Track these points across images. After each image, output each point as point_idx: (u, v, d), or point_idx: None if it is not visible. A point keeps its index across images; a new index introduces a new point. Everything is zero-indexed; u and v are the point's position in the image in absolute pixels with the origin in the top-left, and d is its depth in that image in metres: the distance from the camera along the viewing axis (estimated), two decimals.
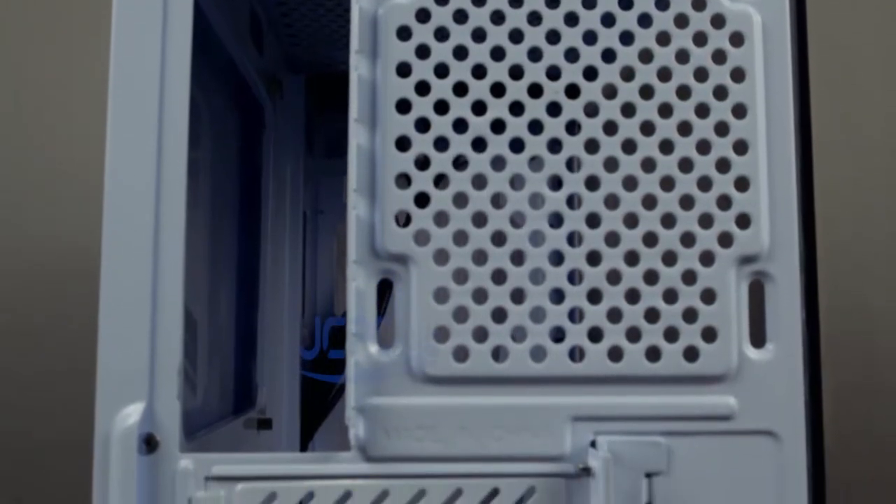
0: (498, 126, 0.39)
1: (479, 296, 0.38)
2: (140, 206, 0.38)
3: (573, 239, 0.39)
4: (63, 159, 0.77)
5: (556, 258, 0.39)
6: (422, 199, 0.39)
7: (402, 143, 0.39)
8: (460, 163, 0.39)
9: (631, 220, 0.39)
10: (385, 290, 0.39)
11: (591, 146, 0.39)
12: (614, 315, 0.39)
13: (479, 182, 0.39)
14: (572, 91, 0.39)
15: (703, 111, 0.39)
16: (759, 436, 0.39)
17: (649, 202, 0.39)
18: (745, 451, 0.38)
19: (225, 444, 0.51)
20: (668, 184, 0.39)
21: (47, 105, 0.75)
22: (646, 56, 0.39)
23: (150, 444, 0.37)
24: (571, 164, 0.39)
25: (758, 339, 0.39)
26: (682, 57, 0.39)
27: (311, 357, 0.66)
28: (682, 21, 0.40)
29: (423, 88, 0.39)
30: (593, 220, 0.39)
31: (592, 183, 0.39)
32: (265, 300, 0.62)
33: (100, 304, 0.38)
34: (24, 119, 0.77)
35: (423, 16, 0.39)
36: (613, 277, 0.39)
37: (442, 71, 0.39)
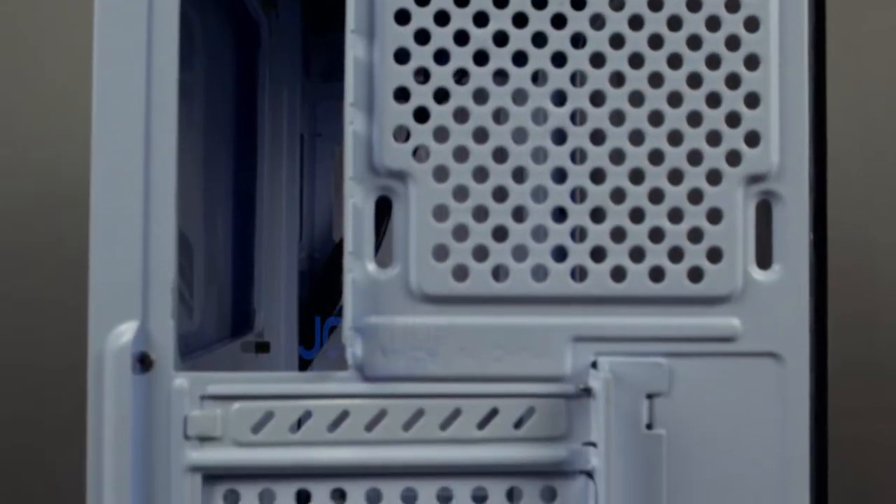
0: (500, 38, 0.37)
1: (480, 214, 0.37)
2: (130, 123, 0.37)
3: (576, 156, 0.38)
4: (50, 76, 0.75)
5: (559, 176, 0.38)
6: (421, 114, 0.37)
7: (401, 56, 0.37)
8: (461, 76, 0.38)
9: (636, 137, 0.38)
10: (384, 216, 0.38)
11: (597, 60, 0.38)
12: (618, 234, 0.38)
13: (481, 97, 0.37)
14: (577, 2, 0.38)
15: (713, 24, 0.38)
16: (762, 358, 0.38)
17: (656, 119, 0.38)
18: (748, 373, 0.38)
19: (222, 366, 0.50)
20: (675, 100, 0.38)
21: (33, 20, 0.73)
22: None
23: (144, 362, 0.37)
24: (575, 79, 0.38)
25: (764, 260, 0.39)
26: None
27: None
28: None
29: None
30: (598, 137, 0.38)
31: (597, 98, 0.38)
32: (262, 224, 0.61)
33: (90, 222, 0.37)
34: (10, 35, 0.75)
35: None
36: (617, 196, 0.38)
37: None
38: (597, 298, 0.38)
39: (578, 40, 0.38)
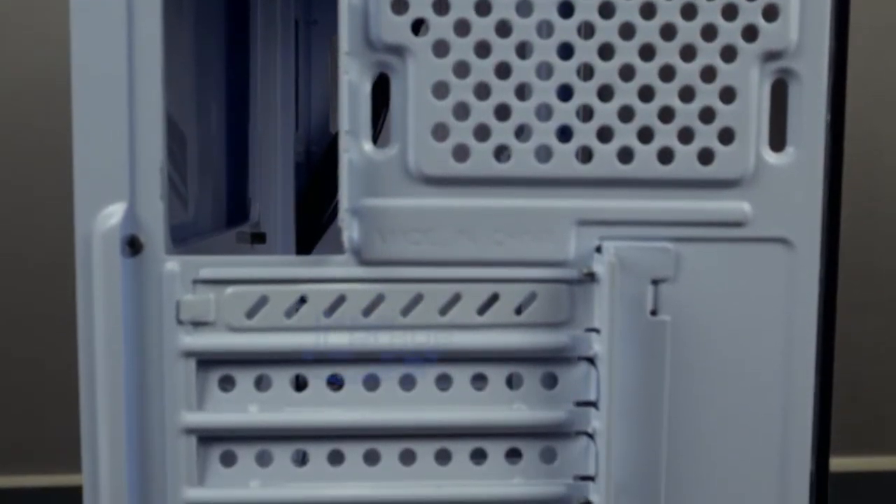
0: None
1: (482, 91, 0.36)
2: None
3: (583, 30, 0.36)
4: None
5: (565, 51, 0.36)
6: None
7: None
8: None
9: (648, 10, 0.36)
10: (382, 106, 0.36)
11: None
12: (626, 113, 0.36)
13: None
14: None
15: None
16: (771, 243, 0.37)
17: None
18: (757, 258, 0.37)
19: (216, 254, 0.49)
20: None
21: None
22: None
23: (133, 245, 0.36)
24: None
25: (777, 142, 0.37)
26: None
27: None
28: None
29: None
30: (606, 10, 0.36)
31: None
32: (256, 115, 0.59)
33: (73, 101, 0.35)
34: None
35: None
36: (626, 73, 0.36)
37: None
38: (602, 180, 0.36)
39: None
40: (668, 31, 0.36)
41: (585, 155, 0.36)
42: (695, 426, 0.37)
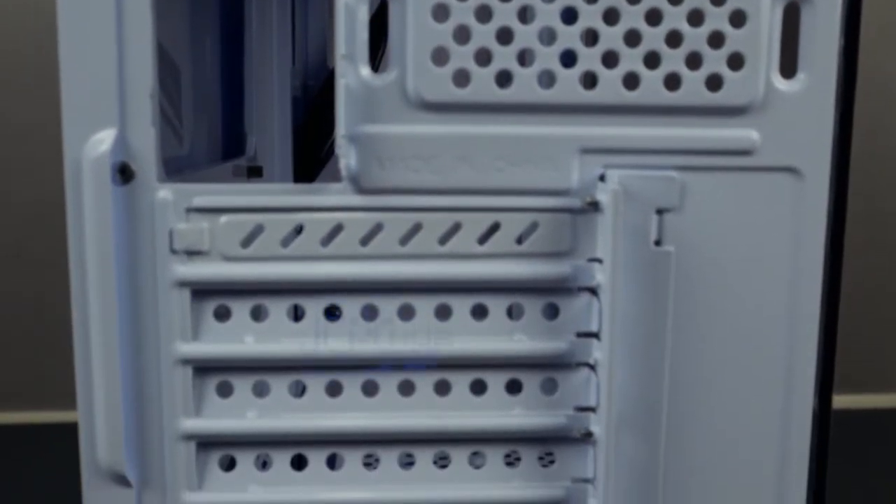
0: None
1: (483, 13, 0.34)
2: None
3: None
4: None
5: None
6: None
7: None
8: None
9: None
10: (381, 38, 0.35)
11: None
12: (632, 37, 0.35)
13: None
14: None
15: None
16: (780, 173, 0.36)
17: None
18: (764, 188, 0.36)
19: None
20: None
21: None
22: None
23: (124, 173, 0.35)
24: None
25: (788, 68, 0.36)
26: None
27: None
28: None
29: None
30: None
31: None
32: (252, 48, 0.58)
33: (58, 23, 0.34)
34: None
35: None
36: None
37: None
38: (607, 107, 0.35)
39: None
40: None
41: (590, 81, 0.35)
42: (698, 358, 0.37)
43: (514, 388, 0.37)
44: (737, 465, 0.38)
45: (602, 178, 0.35)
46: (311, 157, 0.63)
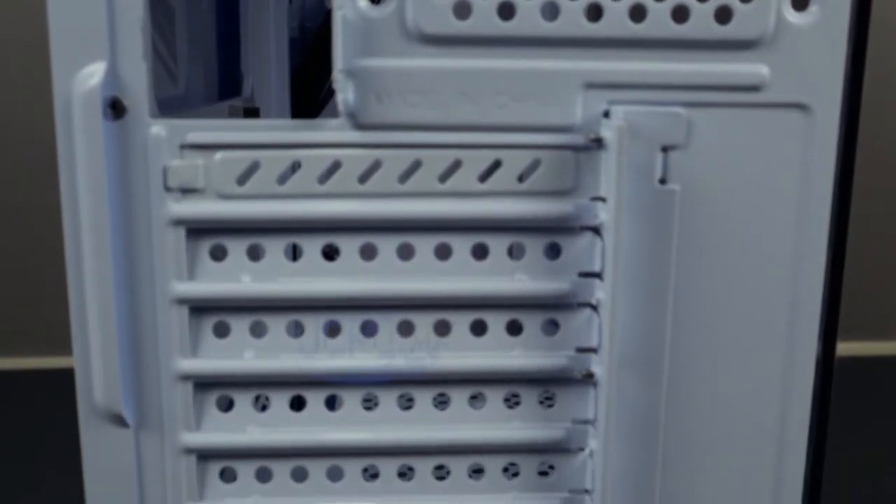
0: None
1: None
2: None
3: None
4: None
5: None
6: None
7: None
8: None
9: None
10: None
11: None
12: None
13: None
14: None
15: None
16: (789, 109, 0.35)
17: None
18: (773, 125, 0.35)
19: None
20: None
21: None
22: None
23: (116, 108, 0.34)
24: None
25: (800, 1, 0.35)
26: None
27: None
28: None
29: None
30: None
31: None
32: None
33: None
34: None
35: None
36: None
37: None
38: (612, 41, 0.34)
39: None
40: None
41: (595, 13, 0.34)
42: (701, 299, 0.36)
43: (514, 329, 0.36)
44: (738, 409, 0.37)
45: (606, 114, 0.34)
46: (309, 99, 0.62)
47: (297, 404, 0.37)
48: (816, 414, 0.39)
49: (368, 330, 0.36)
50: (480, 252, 0.36)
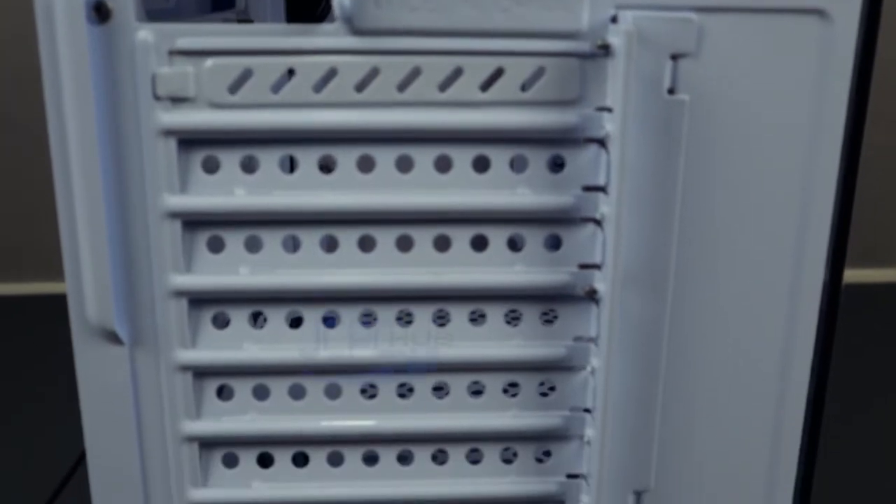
0: None
1: None
2: None
3: None
4: None
5: None
6: None
7: None
8: None
9: None
10: None
11: None
12: None
13: None
14: None
15: None
16: (806, 15, 0.33)
17: None
18: (788, 33, 0.33)
19: None
20: None
21: None
22: None
23: (100, 11, 0.32)
24: None
25: None
26: None
27: None
28: None
29: None
30: None
31: None
32: None
33: None
34: None
35: None
36: None
37: None
38: None
39: None
40: None
41: None
42: (708, 215, 0.35)
43: (515, 245, 0.35)
44: (743, 331, 0.37)
45: (614, 19, 0.33)
46: (305, 13, 0.60)
47: (295, 322, 0.36)
48: (821, 336, 0.38)
49: (366, 243, 0.35)
50: (481, 164, 0.34)
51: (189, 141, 0.34)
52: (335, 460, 0.38)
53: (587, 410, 0.37)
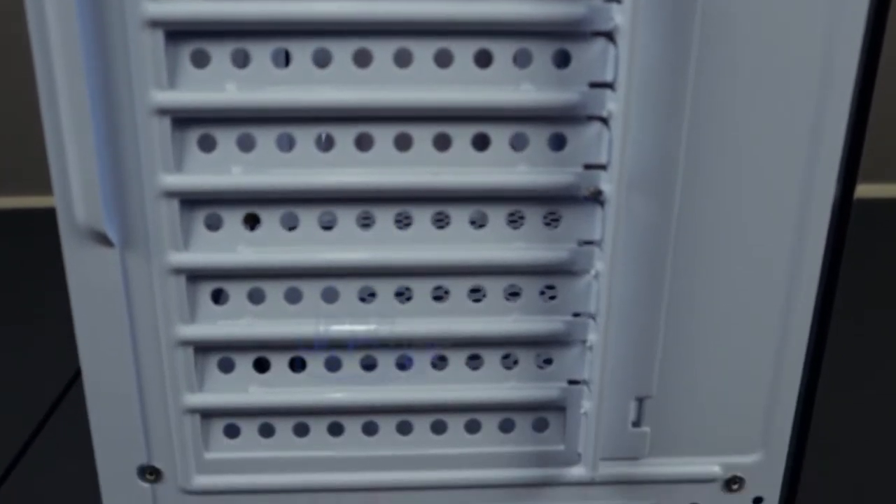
0: None
1: None
2: None
3: None
4: None
5: None
6: None
7: None
8: None
9: None
10: None
11: None
12: None
13: None
14: None
15: None
16: None
17: None
18: None
19: None
20: None
21: None
22: None
23: None
24: None
25: None
26: None
27: None
28: None
29: None
30: None
31: None
32: None
33: None
34: None
35: None
36: None
37: None
38: None
39: None
40: None
41: None
42: (718, 118, 0.34)
43: (519, 143, 0.34)
44: (751, 237, 0.36)
45: None
46: None
47: (291, 224, 0.35)
48: (830, 245, 0.37)
49: (363, 141, 0.34)
50: (483, 59, 0.33)
51: (176, 32, 0.32)
52: (332, 365, 0.37)
53: (590, 316, 0.36)
